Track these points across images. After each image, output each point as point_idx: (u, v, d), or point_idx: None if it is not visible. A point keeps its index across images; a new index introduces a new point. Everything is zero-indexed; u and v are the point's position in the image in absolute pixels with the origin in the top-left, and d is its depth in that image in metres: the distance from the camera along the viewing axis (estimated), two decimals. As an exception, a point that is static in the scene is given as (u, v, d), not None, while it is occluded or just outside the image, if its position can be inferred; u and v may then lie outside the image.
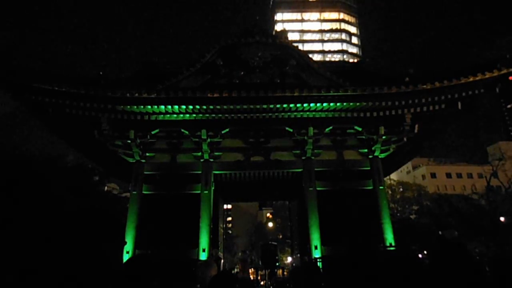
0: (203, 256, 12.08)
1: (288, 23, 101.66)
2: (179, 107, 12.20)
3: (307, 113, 12.68)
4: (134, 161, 13.73)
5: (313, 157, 13.84)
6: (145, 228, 12.60)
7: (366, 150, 14.02)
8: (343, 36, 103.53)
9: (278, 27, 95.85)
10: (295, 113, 12.66)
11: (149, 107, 12.10)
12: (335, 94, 11.84)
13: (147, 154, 13.89)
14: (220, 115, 12.63)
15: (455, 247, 2.22)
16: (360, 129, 13.63)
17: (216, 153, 13.90)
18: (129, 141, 13.16)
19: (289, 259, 33.18)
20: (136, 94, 11.67)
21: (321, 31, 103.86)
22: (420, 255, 11.52)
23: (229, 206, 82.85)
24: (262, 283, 14.02)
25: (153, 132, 13.43)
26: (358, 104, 12.19)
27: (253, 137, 14.07)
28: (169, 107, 12.15)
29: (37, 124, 16.77)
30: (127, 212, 13.04)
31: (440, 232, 15.95)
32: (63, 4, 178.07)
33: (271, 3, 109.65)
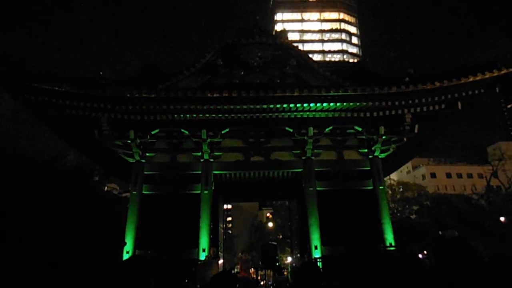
0: (203, 256, 12.08)
1: (288, 23, 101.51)
2: (179, 107, 12.19)
3: (307, 113, 12.67)
4: (134, 161, 13.73)
5: (313, 157, 13.84)
6: (145, 228, 12.61)
7: (366, 150, 14.03)
8: (343, 36, 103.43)
9: (278, 27, 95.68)
10: (295, 113, 12.65)
11: (149, 107, 12.10)
12: (335, 94, 11.85)
13: (147, 154, 13.89)
14: (220, 115, 12.63)
15: (459, 245, 2.21)
16: (360, 129, 13.63)
17: (216, 153, 13.90)
18: (129, 141, 13.16)
19: (289, 259, 33.13)
20: (136, 94, 11.68)
21: (321, 31, 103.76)
22: (420, 255, 11.52)
23: (229, 206, 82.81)
24: (262, 283, 14.00)
25: (153, 132, 13.44)
26: (358, 104, 12.19)
27: (253, 137, 14.07)
28: (169, 107, 12.15)
29: (37, 124, 16.77)
30: (127, 212, 13.04)
31: (440, 232, 15.93)
32: (63, 5, 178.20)
33: (271, 3, 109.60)
